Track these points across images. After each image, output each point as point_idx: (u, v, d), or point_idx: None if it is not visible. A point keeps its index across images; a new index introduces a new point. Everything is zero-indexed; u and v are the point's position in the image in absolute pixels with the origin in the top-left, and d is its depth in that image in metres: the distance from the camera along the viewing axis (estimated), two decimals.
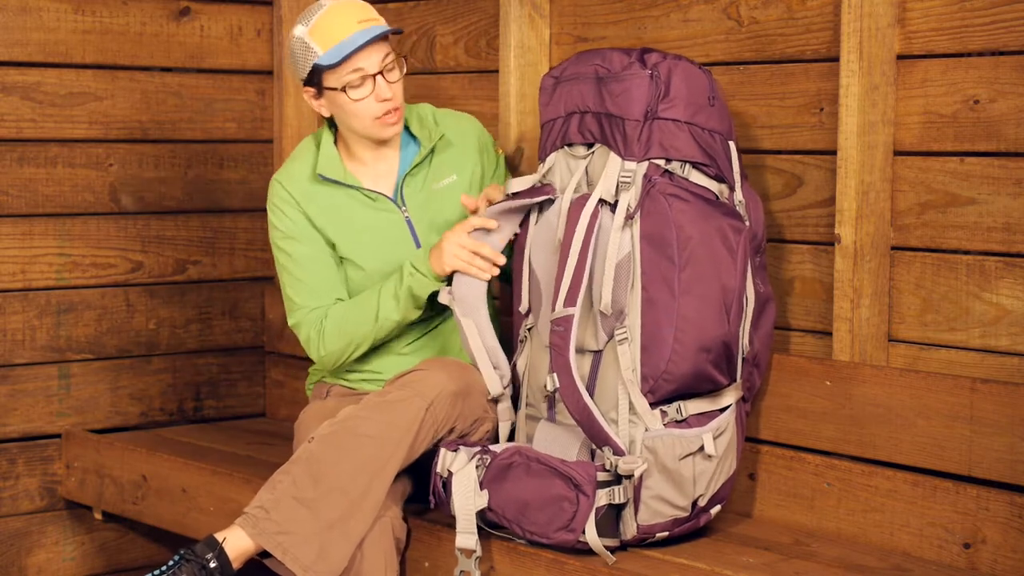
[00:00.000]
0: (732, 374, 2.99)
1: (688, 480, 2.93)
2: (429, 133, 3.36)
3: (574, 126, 3.08)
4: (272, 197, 3.38)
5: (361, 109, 3.23)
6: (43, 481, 4.06)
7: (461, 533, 2.93)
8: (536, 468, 2.91)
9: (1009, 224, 2.91)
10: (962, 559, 2.89)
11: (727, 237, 2.96)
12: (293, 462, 3.05)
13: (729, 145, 3.04)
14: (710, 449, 2.93)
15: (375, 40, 3.19)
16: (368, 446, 3.01)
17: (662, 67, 2.99)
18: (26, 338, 3.99)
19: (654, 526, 2.93)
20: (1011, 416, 2.81)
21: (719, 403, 2.99)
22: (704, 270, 2.92)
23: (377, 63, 3.21)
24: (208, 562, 2.95)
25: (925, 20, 3.01)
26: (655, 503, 2.91)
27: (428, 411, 3.05)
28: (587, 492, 2.85)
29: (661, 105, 2.98)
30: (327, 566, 2.96)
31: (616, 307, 2.94)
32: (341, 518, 2.98)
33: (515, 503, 2.92)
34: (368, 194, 3.33)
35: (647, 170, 2.97)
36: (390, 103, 3.23)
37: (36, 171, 3.98)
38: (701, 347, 2.91)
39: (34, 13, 3.95)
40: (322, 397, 3.44)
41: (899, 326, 3.09)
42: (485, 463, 2.96)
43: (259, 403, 4.41)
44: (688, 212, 2.94)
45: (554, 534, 2.88)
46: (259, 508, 3.01)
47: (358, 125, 3.26)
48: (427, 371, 3.12)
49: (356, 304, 3.28)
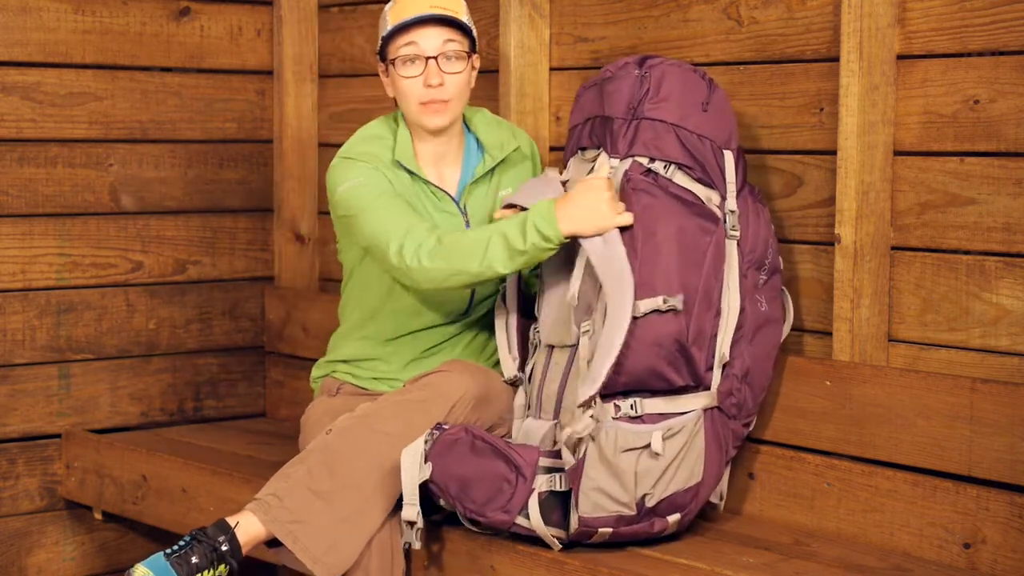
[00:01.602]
0: (694, 377, 2.98)
1: (628, 475, 2.90)
2: (502, 144, 3.32)
3: (586, 131, 3.14)
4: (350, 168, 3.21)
5: (408, 89, 3.20)
6: (43, 481, 4.06)
7: (406, 505, 2.95)
8: (480, 446, 2.94)
9: (1009, 224, 2.91)
10: (962, 559, 2.89)
11: (694, 237, 2.96)
12: (309, 452, 3.04)
13: (724, 154, 3.05)
14: (657, 447, 2.90)
15: (439, 23, 3.18)
16: (386, 444, 3.01)
17: (655, 69, 3.03)
18: (26, 338, 3.99)
19: (596, 519, 2.91)
20: (1011, 416, 2.81)
21: (679, 406, 2.96)
22: (663, 267, 2.92)
23: (435, 46, 3.18)
24: (220, 544, 2.95)
25: (925, 20, 3.01)
26: (595, 495, 2.90)
27: (450, 413, 3.05)
28: (526, 475, 2.89)
29: (648, 105, 3.01)
30: (337, 559, 2.97)
31: (584, 300, 2.95)
32: (354, 513, 2.98)
33: (457, 479, 2.94)
34: (434, 190, 3.28)
35: (628, 167, 2.99)
36: (437, 92, 3.18)
37: (36, 171, 3.98)
38: (653, 342, 2.91)
39: (34, 13, 3.95)
40: (331, 393, 3.40)
41: (899, 326, 3.09)
42: (433, 438, 2.98)
43: (259, 403, 4.41)
44: (653, 208, 2.95)
45: (491, 513, 2.91)
46: (272, 495, 3.01)
47: (404, 107, 3.24)
48: (450, 373, 3.12)
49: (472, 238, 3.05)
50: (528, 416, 3.14)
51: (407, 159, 3.24)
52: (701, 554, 2.95)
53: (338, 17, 4.28)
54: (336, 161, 3.27)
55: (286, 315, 4.30)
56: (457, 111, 3.25)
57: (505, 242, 2.98)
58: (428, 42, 3.18)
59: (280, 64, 4.31)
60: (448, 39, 3.19)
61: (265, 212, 4.37)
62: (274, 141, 4.36)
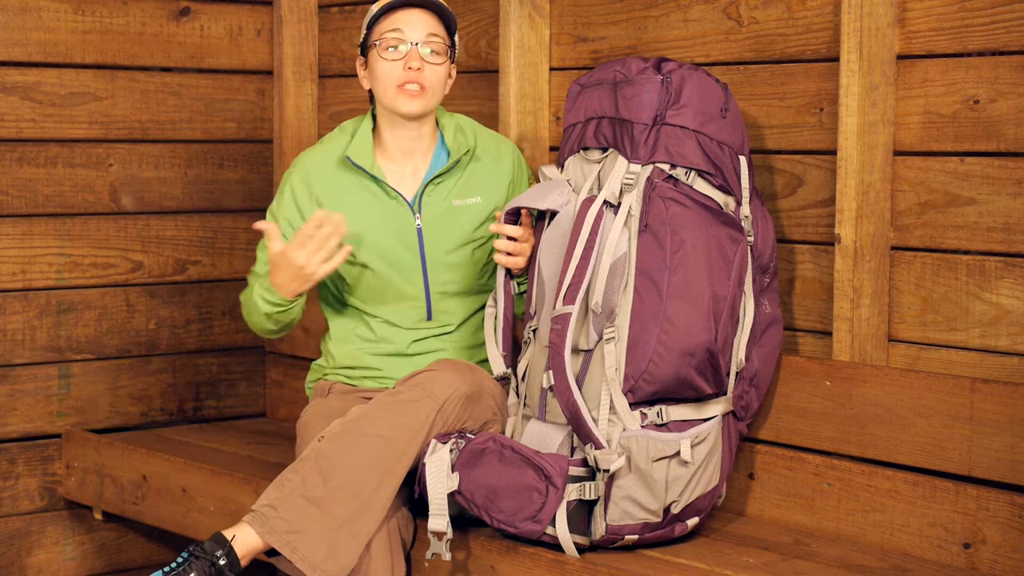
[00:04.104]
0: (719, 384, 2.99)
1: (660, 483, 2.91)
2: (459, 144, 3.34)
3: (591, 131, 3.10)
4: (291, 172, 3.39)
5: (387, 71, 3.24)
6: (43, 481, 4.06)
7: (433, 516, 2.94)
8: (509, 456, 2.93)
9: (1009, 224, 2.91)
10: (962, 559, 2.89)
11: (723, 246, 2.96)
12: (302, 460, 3.04)
13: (739, 159, 3.05)
14: (686, 455, 2.92)
15: (425, 12, 3.25)
16: (379, 446, 3.00)
17: (675, 74, 3.01)
18: (26, 338, 3.99)
19: (623, 527, 2.92)
20: (1011, 416, 2.81)
21: (703, 412, 2.98)
22: (694, 275, 2.92)
23: (419, 34, 3.23)
24: (218, 559, 2.94)
25: (925, 20, 3.01)
26: (625, 503, 2.91)
27: (439, 413, 3.05)
28: (557, 484, 2.87)
29: (670, 111, 3.00)
30: (336, 565, 2.96)
31: (607, 306, 2.95)
32: (350, 517, 2.98)
33: (485, 489, 2.93)
34: (388, 190, 3.31)
35: (651, 174, 2.98)
36: (415, 75, 3.23)
37: (36, 171, 3.98)
38: (684, 351, 2.91)
39: (34, 13, 3.95)
40: (324, 395, 3.41)
41: (899, 326, 3.09)
42: (459, 447, 2.97)
43: (259, 403, 4.41)
44: (684, 217, 2.94)
45: (521, 523, 2.90)
46: (268, 506, 3.01)
47: (381, 92, 3.27)
48: (439, 372, 3.12)
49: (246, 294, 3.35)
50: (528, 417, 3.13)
51: (359, 155, 3.30)
52: (701, 554, 2.95)
53: (338, 17, 4.28)
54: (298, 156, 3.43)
55: None
56: (432, 104, 3.28)
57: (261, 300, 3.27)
58: (412, 29, 3.24)
59: (280, 64, 4.31)
60: (432, 32, 3.25)
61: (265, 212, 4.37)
62: (274, 141, 4.36)
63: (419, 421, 3.03)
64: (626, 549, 2.96)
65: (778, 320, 3.12)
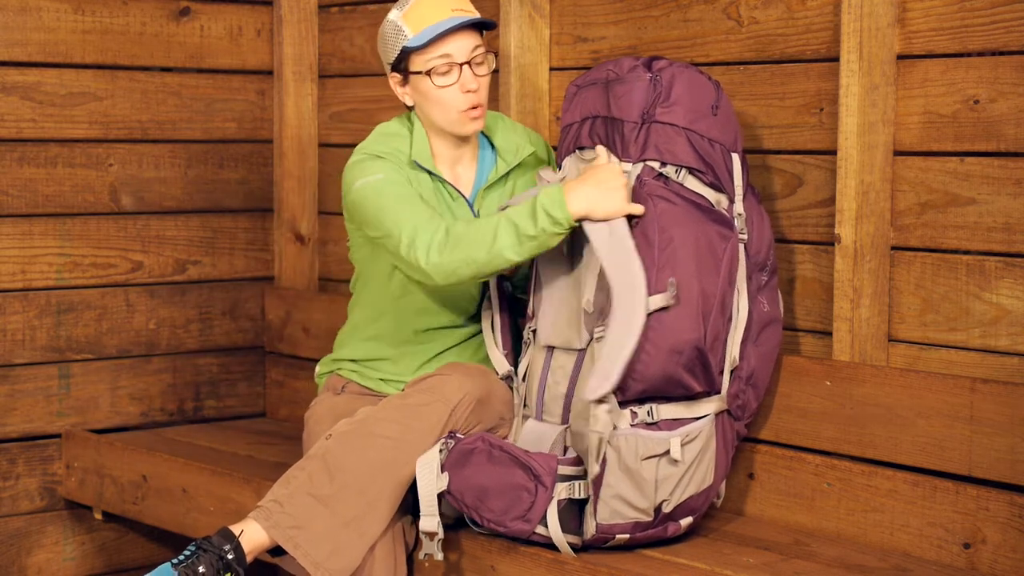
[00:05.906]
0: (710, 382, 2.98)
1: (649, 482, 2.91)
2: (517, 148, 3.30)
3: (586, 130, 3.11)
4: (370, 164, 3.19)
5: (446, 98, 3.16)
6: (43, 481, 4.06)
7: (424, 516, 2.94)
8: (498, 455, 2.93)
9: (1009, 224, 2.91)
10: (962, 559, 2.89)
11: (712, 243, 2.96)
12: (309, 458, 3.04)
13: (732, 157, 3.04)
14: (675, 454, 2.91)
15: (466, 28, 3.15)
16: (387, 448, 3.00)
17: (665, 72, 3.00)
18: (26, 338, 4.00)
19: (613, 526, 2.92)
20: (1011, 416, 2.81)
21: (695, 411, 2.97)
22: (682, 273, 2.92)
23: (466, 52, 3.15)
24: (226, 553, 2.95)
25: (925, 20, 3.01)
26: (615, 502, 2.90)
27: (450, 417, 3.05)
28: (546, 483, 2.88)
29: (660, 109, 2.99)
30: (339, 564, 2.96)
31: (597, 305, 2.95)
32: (356, 517, 2.97)
33: (474, 489, 2.94)
34: (451, 191, 3.26)
35: (641, 172, 2.98)
36: (475, 96, 3.16)
37: (36, 171, 3.99)
38: (672, 349, 2.90)
39: (34, 13, 3.95)
40: (336, 391, 3.38)
41: (899, 326, 3.09)
42: (449, 448, 2.97)
43: (259, 403, 4.41)
44: (672, 214, 2.94)
45: (510, 523, 2.91)
46: (273, 502, 3.01)
47: (441, 116, 3.19)
48: (450, 376, 3.11)
49: (479, 226, 3.02)
50: (527, 417, 3.13)
51: (424, 159, 3.23)
52: (701, 554, 2.95)
53: (338, 17, 4.28)
54: (355, 158, 3.24)
55: (286, 315, 4.30)
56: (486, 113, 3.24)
57: (514, 228, 2.96)
58: (458, 49, 3.15)
59: (280, 64, 4.31)
60: (476, 44, 3.17)
61: (265, 212, 4.37)
62: (274, 141, 4.36)
63: (429, 425, 3.02)
64: (625, 549, 2.96)
65: (777, 320, 3.11)
